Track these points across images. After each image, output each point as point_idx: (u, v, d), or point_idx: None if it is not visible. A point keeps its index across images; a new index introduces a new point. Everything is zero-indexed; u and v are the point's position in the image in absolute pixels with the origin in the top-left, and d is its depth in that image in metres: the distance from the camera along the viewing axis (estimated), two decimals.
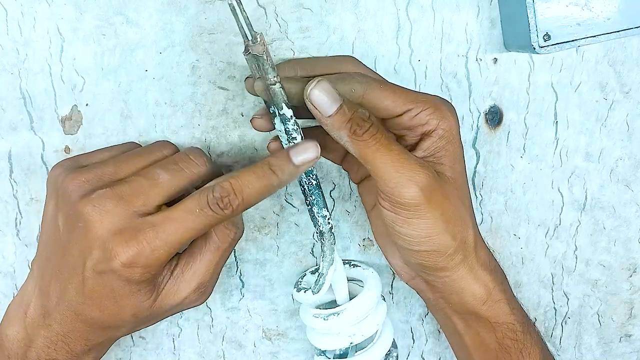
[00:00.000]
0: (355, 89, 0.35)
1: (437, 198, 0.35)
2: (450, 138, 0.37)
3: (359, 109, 0.34)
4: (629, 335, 0.49)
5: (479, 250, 0.38)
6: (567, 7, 0.38)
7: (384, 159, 0.34)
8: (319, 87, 0.34)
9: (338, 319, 0.40)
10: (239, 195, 0.33)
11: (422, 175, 0.34)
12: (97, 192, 0.33)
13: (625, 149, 0.45)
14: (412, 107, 0.36)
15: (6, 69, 0.39)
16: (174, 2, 0.39)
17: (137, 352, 0.45)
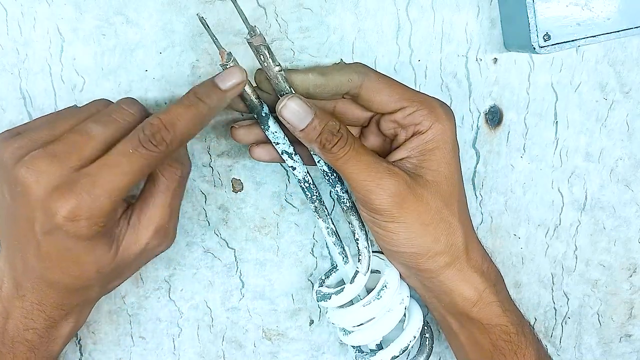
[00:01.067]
0: (353, 79, 0.36)
1: (410, 203, 0.36)
2: (441, 142, 0.37)
3: (329, 122, 0.35)
4: (629, 335, 0.49)
5: (471, 252, 0.38)
6: (567, 7, 0.38)
7: (354, 169, 0.35)
8: (290, 102, 0.35)
9: (388, 289, 0.39)
10: (170, 129, 0.33)
11: (390, 182, 0.35)
12: (29, 155, 0.33)
13: (625, 149, 0.45)
14: (407, 106, 0.37)
15: (6, 69, 0.39)
16: (174, 2, 0.39)
17: (137, 352, 0.45)
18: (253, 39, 0.35)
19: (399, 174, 0.36)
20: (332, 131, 0.35)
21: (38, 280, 0.35)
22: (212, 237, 0.44)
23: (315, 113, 0.35)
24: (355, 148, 0.35)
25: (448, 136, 0.37)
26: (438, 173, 0.37)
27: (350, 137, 0.35)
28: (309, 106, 0.35)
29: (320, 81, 0.36)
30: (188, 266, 0.44)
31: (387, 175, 0.35)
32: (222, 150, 0.42)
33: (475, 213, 0.45)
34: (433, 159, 0.37)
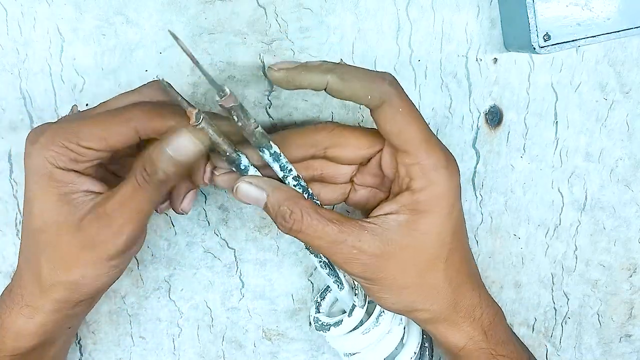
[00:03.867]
0: (373, 97, 0.33)
1: (385, 270, 0.34)
2: (436, 207, 0.34)
3: (280, 208, 0.34)
4: (629, 335, 0.49)
5: (460, 304, 0.37)
6: (567, 7, 0.38)
7: (318, 245, 0.34)
8: (241, 186, 0.34)
9: (385, 314, 0.40)
10: None
11: (357, 260, 0.34)
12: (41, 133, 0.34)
13: (625, 149, 0.45)
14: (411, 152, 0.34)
15: (6, 69, 0.39)
16: (174, 2, 0.39)
17: (137, 352, 0.45)
18: (223, 100, 0.32)
19: (366, 251, 0.33)
20: (284, 217, 0.34)
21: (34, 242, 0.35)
22: (212, 237, 0.44)
23: (267, 197, 0.34)
24: (313, 228, 0.33)
25: (446, 201, 0.34)
26: (425, 236, 0.34)
27: (307, 217, 0.33)
28: (260, 189, 0.34)
29: (337, 86, 0.33)
30: (188, 266, 0.44)
31: (353, 254, 0.34)
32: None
33: (475, 213, 0.45)
34: (423, 222, 0.34)
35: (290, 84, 0.33)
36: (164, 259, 0.44)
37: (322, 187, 0.38)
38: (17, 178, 0.41)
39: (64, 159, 0.33)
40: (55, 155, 0.33)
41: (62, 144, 0.33)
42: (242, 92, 0.41)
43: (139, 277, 0.44)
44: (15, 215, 0.42)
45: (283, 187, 0.35)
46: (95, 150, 0.33)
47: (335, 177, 0.38)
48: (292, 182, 0.36)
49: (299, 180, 0.36)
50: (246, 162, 0.35)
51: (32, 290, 0.35)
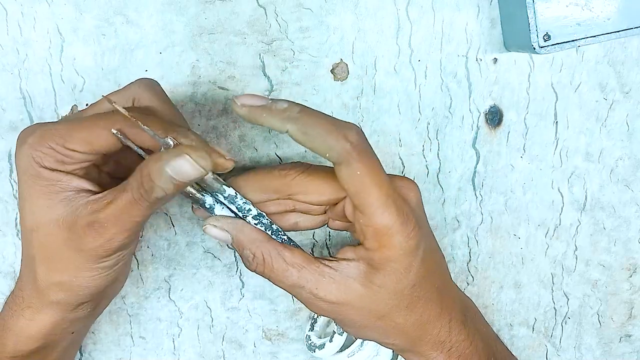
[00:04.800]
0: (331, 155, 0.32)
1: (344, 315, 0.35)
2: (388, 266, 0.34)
3: (244, 251, 0.35)
4: (629, 335, 0.49)
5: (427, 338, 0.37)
6: (567, 7, 0.38)
7: (282, 286, 0.35)
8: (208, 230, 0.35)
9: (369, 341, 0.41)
10: None
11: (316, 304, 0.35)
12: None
13: (625, 149, 0.45)
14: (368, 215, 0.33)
15: (6, 69, 0.39)
16: (174, 2, 0.39)
17: (137, 352, 0.45)
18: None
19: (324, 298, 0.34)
20: (247, 259, 0.35)
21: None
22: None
23: (232, 239, 0.35)
24: (275, 271, 0.34)
25: (399, 263, 0.34)
26: (381, 290, 0.34)
27: (268, 260, 0.34)
28: (224, 232, 0.35)
29: (297, 137, 0.32)
30: (188, 266, 0.44)
31: (312, 299, 0.34)
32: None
33: (475, 213, 0.45)
34: (378, 277, 0.34)
35: (252, 121, 0.33)
36: (164, 259, 0.44)
37: (299, 216, 0.38)
38: (17, 179, 0.41)
39: (50, 159, 0.33)
40: (42, 155, 0.33)
41: (48, 145, 0.33)
42: (243, 92, 0.41)
43: (139, 277, 0.44)
44: (15, 215, 0.42)
45: (246, 229, 0.35)
46: (81, 152, 0.33)
47: (308, 211, 0.38)
48: (252, 221, 0.36)
49: (260, 218, 0.36)
50: (211, 201, 0.35)
51: (30, 292, 0.35)
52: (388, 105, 0.43)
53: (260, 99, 0.32)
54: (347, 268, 0.34)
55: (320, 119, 0.32)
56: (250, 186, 0.36)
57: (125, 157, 0.37)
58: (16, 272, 0.43)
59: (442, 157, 0.44)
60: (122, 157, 0.37)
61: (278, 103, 0.32)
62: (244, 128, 0.42)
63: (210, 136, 0.42)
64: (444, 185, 0.45)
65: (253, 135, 0.42)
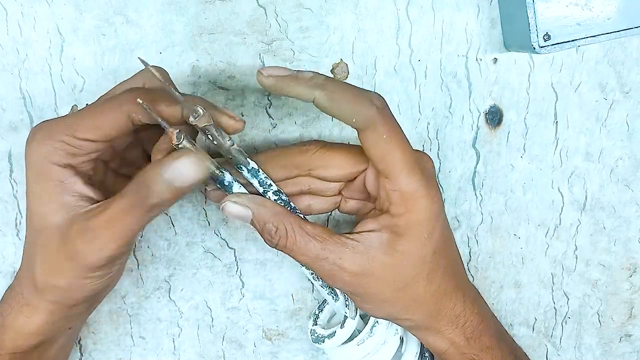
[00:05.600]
0: (358, 120, 0.33)
1: (366, 287, 0.35)
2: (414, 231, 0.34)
3: (266, 225, 0.34)
4: (629, 335, 0.49)
5: (443, 314, 0.37)
6: (567, 7, 0.38)
7: (302, 259, 0.35)
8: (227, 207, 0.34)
9: (379, 324, 0.41)
10: None
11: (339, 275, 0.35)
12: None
13: (625, 149, 0.45)
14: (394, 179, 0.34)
15: (6, 69, 0.39)
16: (174, 2, 0.39)
17: (137, 352, 0.45)
18: (197, 120, 0.32)
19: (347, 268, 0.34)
20: (270, 233, 0.34)
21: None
22: (212, 237, 0.44)
23: (253, 214, 0.34)
24: (297, 244, 0.34)
25: (424, 227, 0.35)
26: (404, 257, 0.35)
27: (291, 234, 0.34)
28: (245, 207, 0.34)
29: (324, 104, 0.33)
30: (188, 266, 0.44)
31: (335, 270, 0.34)
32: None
33: (475, 213, 0.45)
34: (402, 243, 0.35)
35: (278, 91, 0.33)
36: (164, 259, 0.44)
37: (312, 198, 0.39)
38: (17, 178, 0.41)
39: (61, 153, 0.33)
40: (52, 150, 0.33)
41: (58, 138, 0.33)
42: (243, 92, 0.41)
43: (139, 277, 0.44)
44: (16, 215, 0.42)
45: (267, 204, 0.35)
46: (91, 140, 0.33)
47: (323, 191, 0.38)
48: (272, 197, 0.36)
49: (280, 194, 0.36)
50: (230, 179, 0.35)
51: (29, 289, 0.35)
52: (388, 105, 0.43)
53: (286, 69, 0.33)
54: (369, 239, 0.35)
55: (346, 86, 0.33)
56: (271, 162, 0.37)
57: (131, 153, 0.37)
58: (16, 272, 0.43)
59: (442, 157, 0.44)
60: (127, 153, 0.37)
61: (304, 73, 0.33)
62: None
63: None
64: (444, 185, 0.45)
65: (253, 135, 0.42)
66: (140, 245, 0.43)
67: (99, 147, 0.34)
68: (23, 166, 0.41)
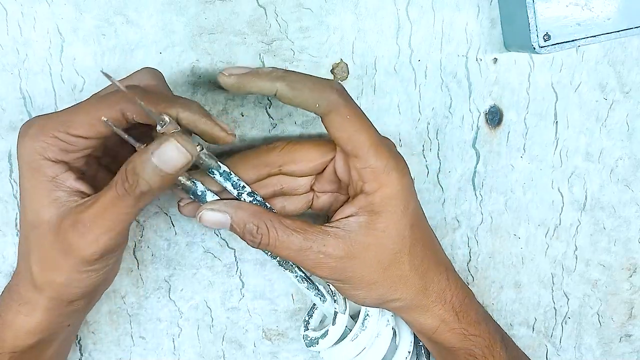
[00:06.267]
0: (320, 105, 0.34)
1: (351, 270, 0.36)
2: (389, 206, 0.35)
3: (247, 225, 0.35)
4: (629, 335, 0.49)
5: (430, 290, 0.38)
6: (567, 7, 0.38)
7: (287, 254, 0.35)
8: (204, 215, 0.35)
9: (370, 317, 0.40)
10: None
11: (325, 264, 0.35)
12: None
13: (625, 149, 0.45)
14: (361, 156, 0.35)
15: (6, 69, 0.39)
16: (174, 2, 0.39)
17: (137, 352, 0.45)
18: (164, 128, 0.31)
19: (332, 254, 0.35)
20: (251, 233, 0.35)
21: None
22: (212, 237, 0.44)
23: (231, 218, 0.35)
24: (280, 239, 0.35)
25: (398, 197, 0.36)
26: (384, 235, 0.36)
27: (272, 230, 0.35)
28: (222, 213, 0.35)
29: (286, 94, 0.34)
30: (188, 266, 0.44)
31: (320, 259, 0.35)
32: (223, 150, 0.42)
33: (475, 213, 0.45)
34: (379, 222, 0.36)
35: (241, 89, 0.34)
36: (164, 259, 0.44)
37: (285, 199, 0.39)
38: (17, 178, 0.41)
39: (54, 149, 0.33)
40: (45, 145, 0.32)
41: (51, 134, 0.33)
42: None
43: (139, 277, 0.44)
44: (15, 215, 0.42)
45: (244, 205, 0.36)
46: (85, 137, 0.33)
47: (295, 189, 0.39)
48: (247, 198, 0.36)
49: (254, 195, 0.37)
50: (202, 188, 0.35)
51: (27, 287, 0.35)
52: (388, 105, 0.43)
53: (246, 68, 0.34)
54: (348, 224, 0.36)
55: (305, 75, 0.35)
56: (241, 163, 0.37)
57: (123, 150, 0.37)
58: None
59: (442, 157, 0.44)
60: (120, 151, 0.37)
61: (263, 68, 0.35)
62: (244, 128, 0.42)
63: None
64: (444, 185, 0.45)
65: (253, 135, 0.42)
66: (141, 245, 0.43)
67: (92, 143, 0.34)
68: None
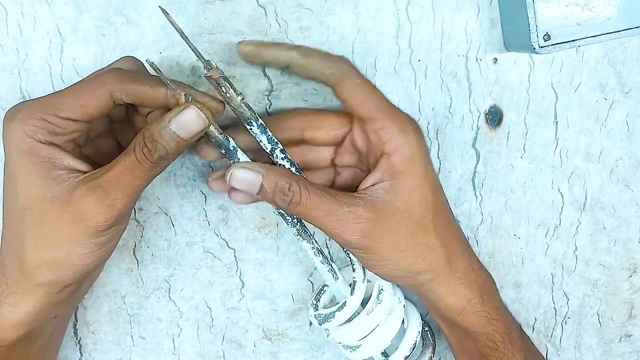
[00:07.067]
0: (332, 72, 0.36)
1: (380, 236, 0.36)
2: (410, 166, 0.36)
3: (278, 183, 0.35)
4: (629, 335, 0.49)
5: (456, 264, 0.38)
6: (567, 7, 0.38)
7: (315, 217, 0.35)
8: (236, 172, 0.35)
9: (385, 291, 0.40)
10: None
11: (354, 225, 0.35)
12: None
13: (625, 149, 0.45)
14: (377, 118, 0.36)
15: (6, 69, 0.39)
16: (174, 2, 0.39)
17: (137, 352, 0.45)
18: (211, 72, 0.34)
19: (361, 217, 0.35)
20: (282, 191, 0.35)
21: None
22: (212, 237, 0.44)
23: (263, 176, 0.35)
24: (311, 199, 0.35)
25: (418, 158, 0.36)
26: (409, 198, 0.36)
27: (304, 189, 0.35)
28: (255, 172, 0.35)
29: (299, 62, 0.36)
30: (188, 266, 0.44)
31: (350, 221, 0.35)
32: None
33: (475, 213, 0.45)
34: (403, 184, 0.36)
35: (257, 57, 0.37)
36: (164, 259, 0.44)
37: (307, 174, 0.40)
38: None
39: (43, 131, 0.33)
40: (35, 128, 0.33)
41: (40, 117, 0.33)
42: (242, 91, 0.41)
43: (139, 277, 0.44)
44: None
45: (276, 167, 0.36)
46: (73, 120, 0.33)
47: (317, 161, 0.40)
48: (279, 154, 0.37)
49: (286, 153, 0.37)
50: (234, 144, 0.36)
51: (15, 276, 0.35)
52: None
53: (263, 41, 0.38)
54: (375, 190, 0.36)
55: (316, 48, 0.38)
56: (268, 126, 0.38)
57: (104, 142, 0.38)
58: None
59: (442, 157, 0.44)
60: (101, 143, 0.38)
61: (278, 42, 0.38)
62: None
63: None
64: (444, 185, 0.45)
65: None
66: (141, 245, 0.43)
67: (80, 127, 0.34)
68: None
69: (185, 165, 0.42)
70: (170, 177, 0.42)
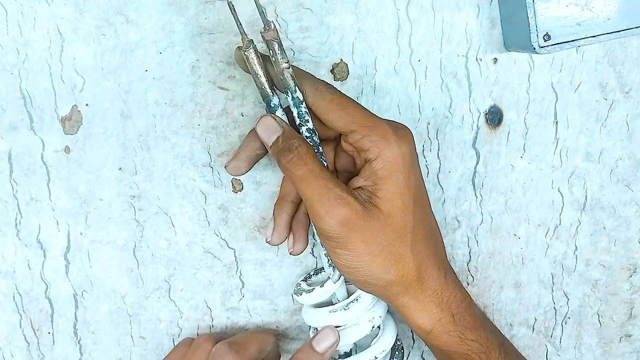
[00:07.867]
0: (307, 91, 0.37)
1: (359, 233, 0.36)
2: (392, 171, 0.36)
3: (291, 141, 0.36)
4: (629, 335, 0.49)
5: (427, 282, 0.38)
6: (567, 7, 0.38)
7: (307, 191, 0.36)
8: (264, 119, 0.37)
9: (358, 303, 0.40)
10: None
11: (338, 211, 0.35)
12: None
13: (625, 149, 0.45)
14: (356, 130, 0.36)
15: (6, 69, 0.39)
16: (174, 2, 0.39)
17: (137, 352, 0.45)
18: (266, 32, 0.35)
19: (349, 204, 0.35)
20: (289, 148, 0.35)
21: None
22: (212, 237, 0.44)
23: (282, 132, 0.36)
24: (310, 170, 0.35)
25: (400, 164, 0.36)
26: (391, 204, 0.36)
27: (308, 159, 0.35)
28: (278, 125, 0.37)
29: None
30: (188, 266, 0.44)
31: (337, 204, 0.35)
32: (222, 150, 0.42)
33: (475, 213, 0.45)
34: (385, 189, 0.36)
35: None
36: (164, 259, 0.44)
37: None
38: (17, 178, 0.41)
39: None
40: None
41: None
42: (243, 92, 0.41)
43: (139, 277, 0.44)
44: (15, 215, 0.42)
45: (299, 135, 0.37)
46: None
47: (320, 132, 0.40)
48: (305, 133, 0.38)
49: (313, 133, 0.38)
50: (276, 102, 0.37)
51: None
52: (388, 105, 0.43)
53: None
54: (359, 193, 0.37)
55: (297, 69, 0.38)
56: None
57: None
58: (16, 272, 0.43)
59: (442, 157, 0.44)
60: None
61: None
62: (243, 128, 0.42)
63: (210, 136, 0.42)
64: (444, 185, 0.45)
65: None
66: (141, 245, 0.43)
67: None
68: (23, 166, 0.41)
69: (185, 165, 0.42)
70: (170, 177, 0.42)
